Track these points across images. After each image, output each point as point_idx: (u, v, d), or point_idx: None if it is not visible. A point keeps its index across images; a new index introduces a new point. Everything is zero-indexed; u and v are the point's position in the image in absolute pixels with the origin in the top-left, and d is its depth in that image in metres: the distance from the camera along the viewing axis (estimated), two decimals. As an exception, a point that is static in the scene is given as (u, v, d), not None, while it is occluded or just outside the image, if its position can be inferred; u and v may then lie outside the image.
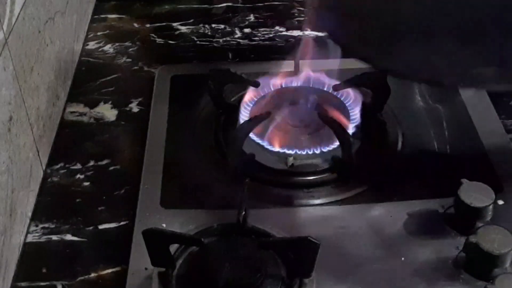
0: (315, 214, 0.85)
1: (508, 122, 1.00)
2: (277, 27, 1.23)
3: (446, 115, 0.99)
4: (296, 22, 1.24)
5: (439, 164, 0.91)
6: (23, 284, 0.81)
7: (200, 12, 1.28)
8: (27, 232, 0.86)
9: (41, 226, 0.87)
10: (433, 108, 1.01)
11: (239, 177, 0.87)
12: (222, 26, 1.24)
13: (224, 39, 1.20)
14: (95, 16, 1.27)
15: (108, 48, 1.19)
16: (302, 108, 0.98)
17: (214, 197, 0.88)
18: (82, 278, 0.81)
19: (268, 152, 0.92)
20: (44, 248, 0.85)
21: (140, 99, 1.07)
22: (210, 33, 1.22)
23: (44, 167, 0.95)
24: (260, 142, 0.93)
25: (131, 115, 1.05)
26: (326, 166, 0.90)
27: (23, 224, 0.86)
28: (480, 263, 0.76)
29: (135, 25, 1.25)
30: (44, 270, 0.82)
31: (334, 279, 0.77)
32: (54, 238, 0.86)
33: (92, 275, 0.81)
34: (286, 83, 1.01)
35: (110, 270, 0.82)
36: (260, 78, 1.00)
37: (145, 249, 0.75)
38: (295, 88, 1.01)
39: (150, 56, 1.16)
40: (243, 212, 0.80)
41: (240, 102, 0.98)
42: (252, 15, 1.26)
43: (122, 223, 0.87)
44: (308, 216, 0.85)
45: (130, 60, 1.16)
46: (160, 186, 0.89)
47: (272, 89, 1.00)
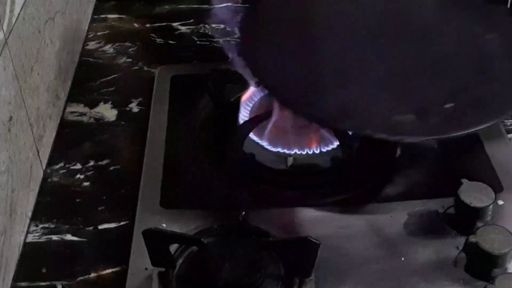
0: (315, 214, 0.85)
1: (508, 122, 1.00)
2: (277, 27, 1.23)
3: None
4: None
5: (439, 164, 0.91)
6: (23, 284, 0.81)
7: (200, 12, 1.28)
8: (27, 232, 0.86)
9: (41, 226, 0.87)
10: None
11: (239, 177, 0.86)
12: (222, 26, 1.23)
13: (224, 39, 1.20)
14: (95, 16, 1.27)
15: (108, 48, 1.19)
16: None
17: (214, 197, 0.88)
18: (82, 278, 0.81)
19: (268, 152, 0.92)
20: (44, 248, 0.85)
21: (140, 99, 1.07)
22: (210, 33, 1.22)
23: (44, 167, 0.95)
24: (260, 142, 0.93)
25: (131, 115, 1.05)
26: (326, 166, 0.90)
27: (23, 224, 0.85)
28: (480, 263, 0.76)
29: (135, 25, 1.25)
30: (44, 270, 0.82)
31: (334, 279, 0.77)
32: (54, 238, 0.86)
33: (92, 275, 0.81)
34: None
35: (110, 270, 0.81)
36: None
37: (145, 249, 0.75)
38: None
39: (150, 56, 1.16)
40: (243, 212, 0.80)
41: (240, 102, 0.98)
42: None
43: (122, 223, 0.87)
44: (308, 216, 0.84)
45: (130, 60, 1.16)
46: (160, 186, 0.89)
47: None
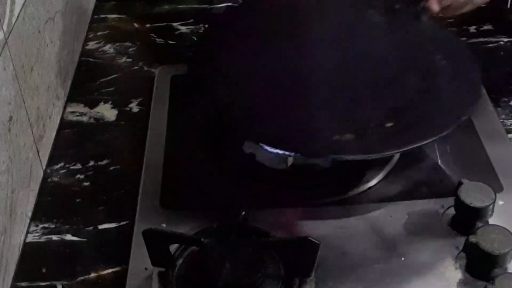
0: (315, 214, 0.85)
1: (508, 122, 1.00)
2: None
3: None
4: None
5: (439, 164, 0.91)
6: (23, 284, 0.81)
7: (200, 12, 1.28)
8: (27, 232, 0.86)
9: (41, 226, 0.87)
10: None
11: (239, 177, 0.87)
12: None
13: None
14: (95, 16, 1.27)
15: (108, 48, 1.19)
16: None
17: (213, 197, 0.88)
18: (82, 278, 0.81)
19: (268, 152, 0.92)
20: (44, 248, 0.85)
21: (140, 99, 1.07)
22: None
23: (44, 167, 0.95)
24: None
25: (131, 115, 1.05)
26: (326, 166, 0.90)
27: (23, 224, 0.85)
28: (480, 263, 0.76)
29: (135, 25, 1.25)
30: (44, 270, 0.82)
31: (334, 279, 0.77)
32: (54, 238, 0.86)
33: (92, 275, 0.81)
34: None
35: (110, 270, 0.82)
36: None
37: (145, 249, 0.75)
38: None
39: (150, 56, 1.16)
40: (243, 212, 0.80)
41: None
42: None
43: (122, 223, 0.87)
44: (308, 216, 0.84)
45: (130, 60, 1.16)
46: (160, 186, 0.89)
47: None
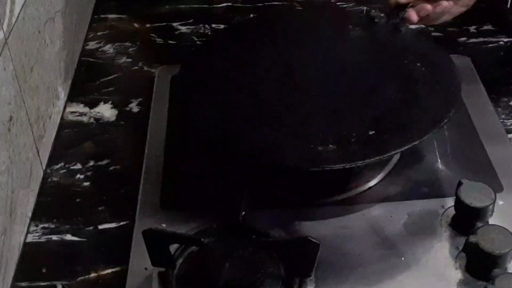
0: (315, 214, 0.85)
1: (508, 122, 1.00)
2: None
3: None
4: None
5: (439, 164, 0.91)
6: (23, 284, 0.81)
7: (200, 12, 1.28)
8: (27, 232, 0.86)
9: (41, 226, 0.87)
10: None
11: (239, 177, 0.86)
12: (222, 26, 1.23)
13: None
14: (95, 16, 1.27)
15: (108, 48, 1.19)
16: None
17: (214, 197, 0.88)
18: (82, 278, 0.81)
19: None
20: (44, 248, 0.85)
21: (140, 99, 1.07)
22: (210, 33, 1.22)
23: (44, 167, 0.95)
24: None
25: (131, 115, 1.05)
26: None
27: (23, 224, 0.85)
28: (480, 263, 0.76)
29: (135, 25, 1.25)
30: (44, 270, 0.82)
31: (334, 279, 0.77)
32: (54, 238, 0.86)
33: (92, 275, 0.81)
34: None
35: (110, 270, 0.82)
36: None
37: (145, 249, 0.75)
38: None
39: (150, 56, 1.16)
40: (243, 212, 0.80)
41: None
42: (252, 15, 1.26)
43: (122, 223, 0.87)
44: (308, 216, 0.84)
45: (130, 60, 1.16)
46: (160, 186, 0.89)
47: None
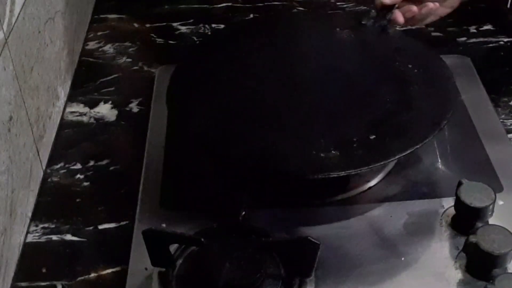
0: (315, 214, 0.85)
1: (508, 122, 1.00)
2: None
3: (446, 115, 0.99)
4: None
5: (439, 164, 0.91)
6: (23, 284, 0.81)
7: (200, 12, 1.28)
8: (27, 232, 0.86)
9: (41, 226, 0.87)
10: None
11: (239, 177, 0.86)
12: (222, 26, 1.23)
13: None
14: (95, 16, 1.27)
15: (108, 48, 1.19)
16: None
17: (214, 197, 0.87)
18: (82, 278, 0.81)
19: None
20: (44, 248, 0.85)
21: (140, 99, 1.07)
22: (210, 33, 1.22)
23: (44, 167, 0.95)
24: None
25: (131, 115, 1.05)
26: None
27: (23, 224, 0.85)
28: (480, 263, 0.76)
29: (135, 25, 1.25)
30: (44, 270, 0.82)
31: (334, 279, 0.77)
32: (54, 238, 0.86)
33: (92, 275, 0.81)
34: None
35: (110, 270, 0.82)
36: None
37: (145, 249, 0.75)
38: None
39: (150, 56, 1.16)
40: (243, 212, 0.80)
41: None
42: (252, 15, 1.26)
43: (122, 223, 0.87)
44: (308, 216, 0.84)
45: (130, 60, 1.16)
46: (160, 186, 0.89)
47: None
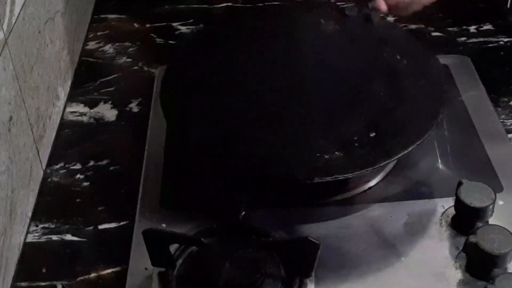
0: (315, 214, 0.85)
1: (508, 122, 1.00)
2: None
3: (446, 115, 0.99)
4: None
5: (439, 164, 0.91)
6: (23, 284, 0.81)
7: (200, 12, 1.28)
8: (27, 232, 0.86)
9: (41, 226, 0.87)
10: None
11: (239, 177, 0.86)
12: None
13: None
14: (95, 16, 1.27)
15: (108, 48, 1.19)
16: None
17: (214, 197, 0.87)
18: (82, 278, 0.81)
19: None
20: (44, 248, 0.85)
21: (140, 99, 1.07)
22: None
23: (44, 167, 0.95)
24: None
25: (131, 115, 1.05)
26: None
27: (23, 224, 0.85)
28: (480, 263, 0.76)
29: (135, 25, 1.25)
30: (44, 270, 0.82)
31: (334, 279, 0.77)
32: (54, 238, 0.86)
33: (92, 275, 0.81)
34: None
35: (110, 270, 0.82)
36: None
37: (145, 249, 0.75)
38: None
39: (150, 56, 1.16)
40: (243, 212, 0.80)
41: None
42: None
43: (122, 223, 0.87)
44: (308, 216, 0.84)
45: (130, 60, 1.16)
46: (160, 186, 0.89)
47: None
